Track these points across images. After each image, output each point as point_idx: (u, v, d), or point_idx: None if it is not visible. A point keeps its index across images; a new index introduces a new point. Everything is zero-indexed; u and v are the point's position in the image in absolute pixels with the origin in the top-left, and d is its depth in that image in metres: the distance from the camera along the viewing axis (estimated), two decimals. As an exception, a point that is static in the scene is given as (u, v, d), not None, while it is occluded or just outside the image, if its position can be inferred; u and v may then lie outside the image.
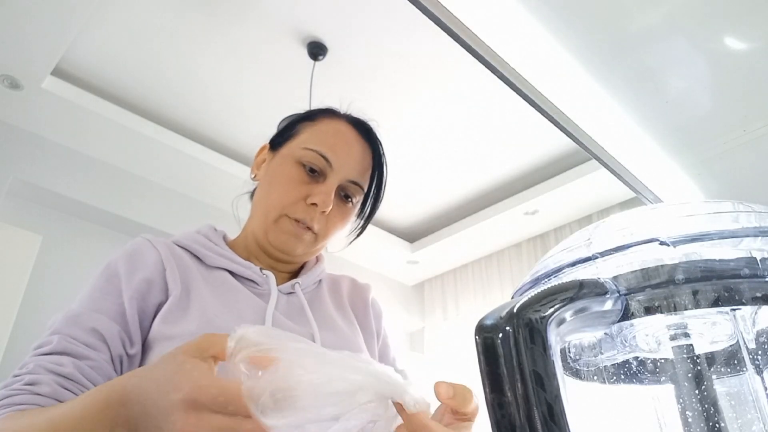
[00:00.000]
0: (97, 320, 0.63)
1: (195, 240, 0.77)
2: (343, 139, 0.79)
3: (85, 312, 0.64)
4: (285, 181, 0.76)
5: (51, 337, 0.61)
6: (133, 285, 0.67)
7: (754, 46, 0.75)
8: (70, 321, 0.63)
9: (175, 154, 3.35)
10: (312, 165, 0.76)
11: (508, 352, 0.31)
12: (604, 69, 0.81)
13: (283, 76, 2.93)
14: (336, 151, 0.77)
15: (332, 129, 0.80)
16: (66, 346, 0.60)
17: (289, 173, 0.76)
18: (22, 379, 0.57)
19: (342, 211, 0.78)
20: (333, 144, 0.77)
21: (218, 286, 0.72)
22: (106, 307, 0.65)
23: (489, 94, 3.00)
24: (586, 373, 0.44)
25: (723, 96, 0.84)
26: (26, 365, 0.59)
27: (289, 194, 0.74)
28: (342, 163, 0.76)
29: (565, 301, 0.34)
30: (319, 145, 0.76)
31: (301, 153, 0.76)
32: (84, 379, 0.59)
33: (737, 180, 1.00)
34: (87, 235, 3.45)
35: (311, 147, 0.76)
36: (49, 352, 0.60)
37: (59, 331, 0.62)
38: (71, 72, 2.97)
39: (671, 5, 0.71)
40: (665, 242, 0.37)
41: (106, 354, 0.62)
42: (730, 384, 0.40)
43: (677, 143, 0.94)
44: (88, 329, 0.62)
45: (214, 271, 0.75)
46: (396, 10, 2.54)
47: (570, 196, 3.65)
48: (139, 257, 0.71)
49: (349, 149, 0.78)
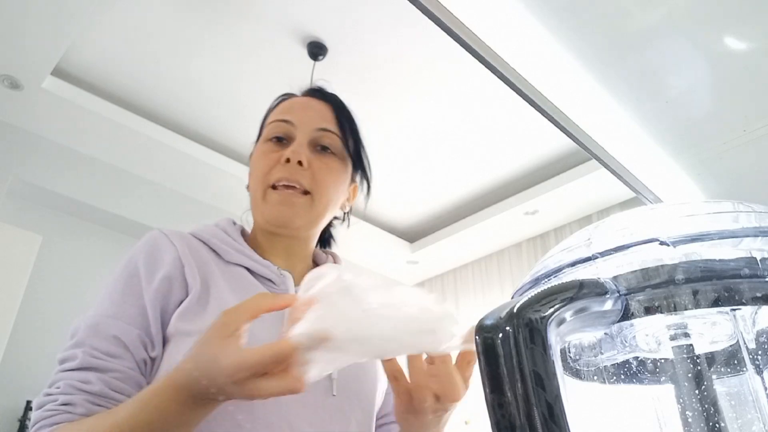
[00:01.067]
0: (118, 327, 0.63)
1: (214, 234, 0.76)
2: (297, 103, 0.82)
3: (105, 319, 0.64)
4: (258, 158, 0.78)
5: (75, 351, 0.61)
6: (153, 286, 0.67)
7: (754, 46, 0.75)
8: (91, 331, 0.63)
9: (175, 154, 3.36)
10: (276, 134, 0.78)
11: (508, 352, 0.31)
12: (604, 69, 0.81)
13: (283, 76, 2.93)
14: (293, 111, 0.80)
15: (286, 103, 0.83)
16: (90, 362, 0.60)
17: (259, 150, 0.79)
18: (56, 399, 0.58)
19: (324, 162, 0.77)
20: (287, 109, 0.81)
21: (237, 283, 0.72)
22: (126, 311, 0.65)
23: (489, 94, 3.00)
24: (586, 373, 0.44)
25: (723, 96, 0.84)
26: (56, 383, 0.60)
27: (265, 165, 0.76)
28: (301, 117, 0.78)
29: (565, 301, 0.34)
30: (276, 115, 0.80)
31: (265, 132, 0.80)
32: (113, 393, 0.60)
33: (737, 180, 1.00)
34: (87, 235, 3.45)
35: (270, 120, 0.80)
36: (75, 368, 0.60)
37: (82, 343, 0.62)
38: (71, 72, 2.97)
39: (671, 5, 0.71)
40: (665, 242, 0.37)
41: (130, 362, 0.62)
42: (730, 384, 0.40)
43: (677, 143, 0.94)
44: (109, 337, 0.62)
45: (232, 267, 0.74)
46: (396, 10, 2.54)
47: (570, 196, 3.66)
48: (158, 254, 0.70)
49: (305, 106, 0.81)
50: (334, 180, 0.78)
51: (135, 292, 0.66)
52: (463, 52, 0.78)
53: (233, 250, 0.75)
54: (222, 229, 0.78)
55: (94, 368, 0.60)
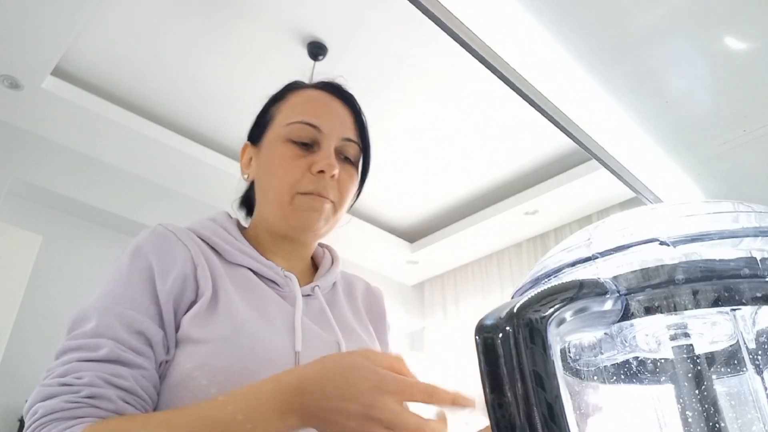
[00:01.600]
0: (143, 324, 0.59)
1: (214, 231, 0.73)
2: (320, 103, 0.77)
3: (127, 311, 0.59)
4: (282, 162, 0.73)
5: (98, 341, 0.56)
6: (167, 286, 0.63)
7: (754, 46, 0.75)
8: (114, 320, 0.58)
9: (175, 153, 3.36)
10: (302, 138, 0.74)
11: (508, 352, 0.31)
12: (604, 69, 0.81)
13: (283, 76, 2.93)
14: (319, 115, 0.75)
15: (305, 98, 0.79)
16: (120, 355, 0.56)
17: (283, 153, 0.74)
18: (78, 390, 0.53)
19: (348, 173, 0.76)
20: (313, 109, 0.76)
21: (243, 287, 0.69)
22: (146, 307, 0.61)
23: (489, 94, 3.00)
24: (586, 373, 0.44)
25: (723, 96, 0.84)
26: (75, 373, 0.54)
27: (293, 171, 0.72)
28: (330, 125, 0.75)
29: (565, 301, 0.34)
30: (301, 116, 0.75)
31: (286, 131, 0.75)
32: (142, 392, 0.56)
33: (737, 180, 1.00)
34: (87, 235, 3.45)
35: (294, 120, 0.75)
36: (102, 359, 0.55)
37: (104, 333, 0.57)
38: (71, 72, 2.97)
39: (671, 5, 0.71)
40: (665, 242, 0.37)
41: (153, 361, 0.59)
42: (730, 384, 0.40)
43: (677, 143, 0.94)
44: (134, 332, 0.58)
45: (236, 268, 0.71)
46: (396, 10, 2.54)
47: (570, 196, 3.66)
48: (169, 251, 0.66)
49: (330, 110, 0.77)
50: (353, 189, 0.78)
51: (151, 289, 0.62)
52: (463, 52, 0.77)
53: (236, 250, 0.72)
54: (221, 226, 0.75)
55: (124, 362, 0.56)
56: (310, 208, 0.72)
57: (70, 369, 0.55)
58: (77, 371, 0.54)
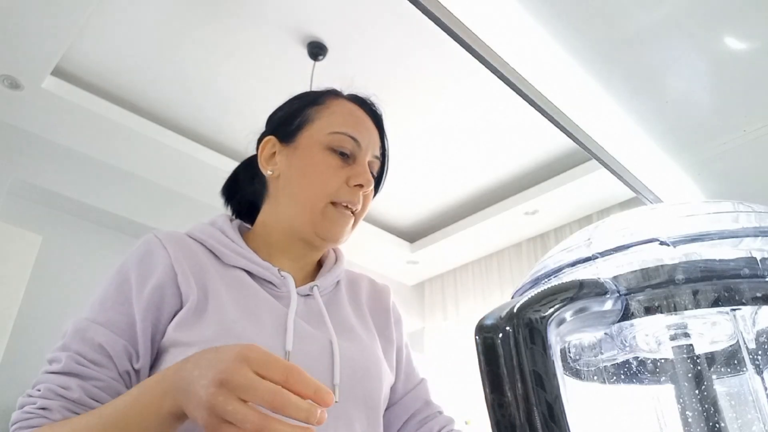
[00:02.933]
0: (104, 335, 0.62)
1: (211, 235, 0.74)
2: (361, 118, 0.80)
3: (93, 325, 0.63)
4: (323, 170, 0.74)
5: (60, 354, 0.61)
6: (144, 296, 0.65)
7: (754, 46, 0.75)
8: (78, 335, 0.63)
9: (176, 154, 3.36)
10: (342, 148, 0.76)
11: (508, 352, 0.31)
12: (604, 69, 0.81)
13: (283, 76, 2.93)
14: (360, 130, 0.78)
15: (347, 110, 0.81)
16: (73, 367, 0.60)
17: (324, 161, 0.75)
18: (34, 402, 0.58)
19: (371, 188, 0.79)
20: (355, 124, 0.78)
21: (236, 288, 0.70)
22: (114, 319, 0.64)
23: (489, 94, 3.00)
24: (586, 373, 0.44)
25: (723, 96, 0.84)
26: (38, 385, 0.60)
27: (332, 181, 0.74)
28: (367, 141, 0.78)
29: (565, 301, 0.34)
30: (345, 128, 0.77)
31: (329, 138, 0.76)
32: (91, 401, 0.59)
33: (737, 180, 1.00)
34: (87, 235, 3.45)
35: (339, 131, 0.77)
36: (58, 371, 0.60)
37: (68, 347, 0.62)
38: (71, 72, 2.98)
39: (671, 5, 0.71)
40: (665, 242, 0.37)
41: (113, 371, 0.62)
42: (730, 384, 0.40)
43: (677, 143, 0.94)
44: (95, 345, 0.62)
45: (231, 270, 0.72)
46: (396, 10, 2.54)
47: (570, 196, 3.66)
48: (150, 262, 0.68)
49: (367, 126, 0.80)
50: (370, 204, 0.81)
51: (125, 301, 0.65)
52: (463, 52, 0.78)
53: (232, 252, 0.73)
54: (219, 229, 0.76)
55: (76, 374, 0.60)
56: (339, 219, 0.74)
57: (37, 381, 0.61)
58: (39, 383, 0.60)
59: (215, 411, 0.45)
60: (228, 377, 0.45)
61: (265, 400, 0.44)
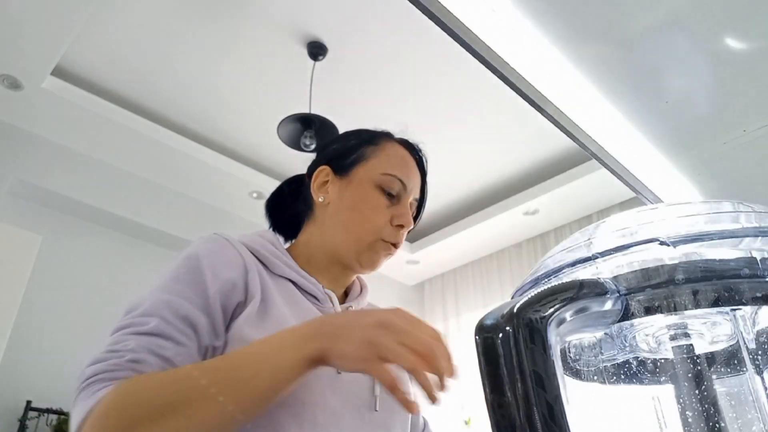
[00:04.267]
0: (188, 310, 0.63)
1: (263, 245, 0.78)
2: (410, 164, 0.87)
3: (175, 299, 0.63)
4: (372, 206, 0.82)
5: (146, 318, 0.60)
6: (218, 283, 0.67)
7: (754, 46, 0.75)
8: (163, 305, 0.62)
9: (176, 154, 3.36)
10: (390, 189, 0.83)
11: (508, 352, 0.31)
12: (604, 69, 0.81)
13: (283, 76, 2.93)
14: (408, 175, 0.85)
15: (399, 154, 0.87)
16: (165, 330, 0.60)
17: (375, 200, 0.82)
18: (123, 355, 0.57)
19: None
20: (404, 168, 0.85)
21: (287, 297, 0.74)
22: (192, 298, 0.65)
23: (489, 94, 3.00)
24: (586, 373, 0.44)
25: (723, 96, 0.84)
26: (123, 342, 0.58)
27: (380, 219, 0.81)
28: (412, 185, 0.85)
29: (565, 301, 0.34)
30: (396, 171, 0.84)
31: (380, 179, 0.83)
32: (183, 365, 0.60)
33: (737, 180, 1.00)
34: (87, 235, 3.45)
35: (391, 173, 0.83)
36: (148, 332, 0.59)
37: (154, 313, 0.61)
38: (71, 72, 2.98)
39: (671, 5, 0.71)
40: (665, 242, 0.37)
41: (196, 344, 0.62)
42: (730, 384, 0.40)
43: (677, 143, 0.94)
44: (180, 317, 0.62)
45: (279, 279, 0.76)
46: (396, 10, 2.54)
47: (570, 196, 3.66)
48: (223, 255, 0.71)
49: (414, 172, 0.87)
50: None
51: (200, 283, 0.66)
52: (463, 52, 0.78)
53: (281, 262, 0.78)
54: (269, 241, 0.81)
55: (168, 337, 0.60)
56: (382, 253, 0.82)
57: (118, 339, 0.59)
58: (125, 341, 0.59)
59: (375, 347, 0.52)
60: (391, 322, 0.53)
61: (419, 346, 0.51)
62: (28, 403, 2.93)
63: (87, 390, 0.55)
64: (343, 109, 2.98)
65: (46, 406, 2.96)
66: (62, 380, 3.10)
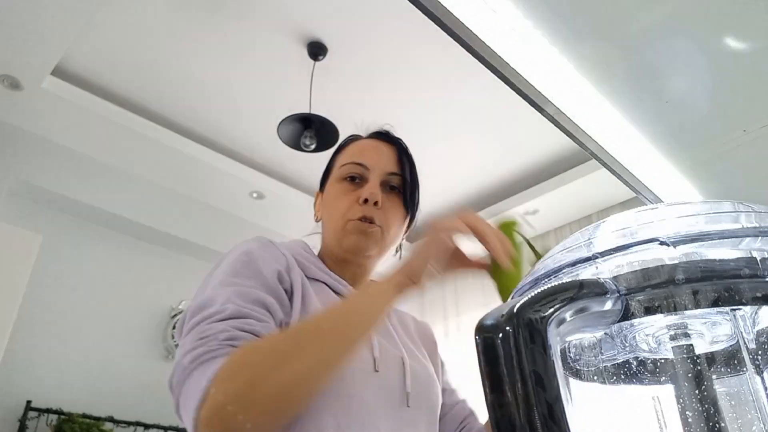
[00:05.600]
0: (257, 294, 0.67)
1: (298, 252, 0.84)
2: (368, 146, 0.91)
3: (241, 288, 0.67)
4: (337, 197, 0.87)
5: (223, 307, 0.63)
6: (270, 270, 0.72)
7: (754, 46, 0.75)
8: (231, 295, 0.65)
9: (175, 154, 3.36)
10: (351, 174, 0.87)
11: (508, 352, 0.31)
12: (604, 69, 0.81)
13: (283, 76, 2.93)
14: (366, 155, 0.89)
15: (358, 146, 0.92)
16: (244, 311, 0.63)
17: (339, 190, 0.88)
18: (216, 337, 0.59)
19: (393, 201, 0.88)
20: (362, 153, 0.89)
21: (322, 297, 0.79)
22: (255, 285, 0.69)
23: (489, 94, 3.00)
24: (586, 373, 0.44)
25: (723, 96, 0.84)
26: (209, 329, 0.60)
27: (344, 203, 0.85)
28: (375, 161, 0.88)
29: (565, 301, 0.34)
30: (353, 158, 0.89)
31: (340, 171, 0.89)
32: None
33: (737, 180, 1.00)
34: (87, 235, 3.45)
35: (347, 162, 0.89)
36: (230, 316, 0.62)
37: (227, 302, 0.64)
38: (71, 72, 2.98)
39: (672, 5, 0.71)
40: (665, 242, 0.37)
41: (273, 321, 0.67)
42: (730, 384, 0.40)
43: (677, 143, 0.94)
44: (252, 300, 0.66)
45: (315, 282, 0.82)
46: (396, 10, 2.54)
47: (570, 196, 3.66)
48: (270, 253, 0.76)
49: (377, 150, 0.90)
50: (399, 218, 0.90)
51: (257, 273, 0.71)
52: (463, 52, 0.78)
53: (315, 267, 0.83)
54: (302, 248, 0.87)
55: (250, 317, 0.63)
56: (358, 231, 0.84)
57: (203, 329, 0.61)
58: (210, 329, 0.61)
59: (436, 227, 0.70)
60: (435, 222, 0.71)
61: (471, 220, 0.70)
62: (28, 403, 2.93)
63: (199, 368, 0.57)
64: (343, 109, 2.98)
65: (46, 406, 2.97)
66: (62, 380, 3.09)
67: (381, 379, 0.73)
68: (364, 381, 0.71)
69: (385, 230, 0.86)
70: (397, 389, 0.75)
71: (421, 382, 0.79)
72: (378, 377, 0.73)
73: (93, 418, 3.02)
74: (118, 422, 3.17)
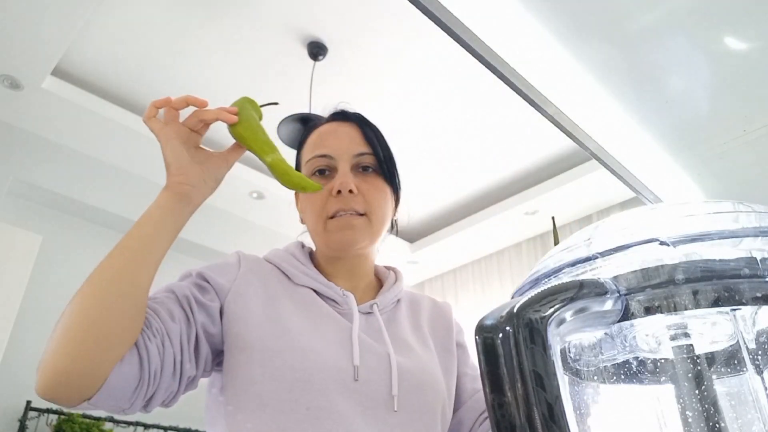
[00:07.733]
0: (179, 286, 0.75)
1: (284, 259, 0.83)
2: (327, 133, 0.85)
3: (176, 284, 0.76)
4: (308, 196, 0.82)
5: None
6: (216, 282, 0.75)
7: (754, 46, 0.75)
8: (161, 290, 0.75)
9: (175, 154, 3.36)
10: (318, 168, 0.83)
11: (508, 352, 0.31)
12: (604, 69, 0.81)
13: (284, 76, 2.93)
14: (327, 144, 0.84)
15: (315, 135, 0.87)
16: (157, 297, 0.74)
17: None
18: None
19: (370, 182, 0.82)
20: (321, 141, 0.85)
21: (304, 304, 0.78)
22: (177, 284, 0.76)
23: (489, 94, 3.00)
24: (586, 373, 0.44)
25: (723, 96, 0.84)
26: None
27: (318, 201, 0.81)
28: (338, 147, 0.83)
29: (565, 301, 0.34)
30: (314, 151, 0.84)
31: (306, 169, 0.84)
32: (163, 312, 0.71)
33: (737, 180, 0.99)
34: (87, 235, 3.45)
35: (309, 157, 0.84)
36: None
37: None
38: (71, 72, 2.98)
39: (671, 5, 0.71)
40: (665, 242, 0.37)
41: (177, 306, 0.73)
42: (730, 384, 0.40)
43: (677, 143, 0.93)
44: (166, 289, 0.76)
45: (300, 288, 0.80)
46: (396, 10, 2.54)
47: (570, 196, 3.66)
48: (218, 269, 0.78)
49: (337, 135, 0.84)
50: (382, 197, 0.83)
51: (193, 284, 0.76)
52: (463, 52, 0.77)
53: (301, 273, 0.81)
54: (291, 254, 0.84)
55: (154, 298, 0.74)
56: (341, 228, 0.80)
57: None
58: None
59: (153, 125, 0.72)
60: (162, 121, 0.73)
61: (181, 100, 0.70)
62: (28, 403, 2.93)
63: None
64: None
65: (46, 406, 2.97)
66: (62, 380, 3.08)
67: (362, 387, 0.70)
68: (339, 393, 0.68)
69: (370, 215, 0.81)
70: (381, 395, 0.71)
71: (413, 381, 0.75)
72: (358, 385, 0.70)
73: (93, 418, 3.02)
74: (118, 422, 3.17)
